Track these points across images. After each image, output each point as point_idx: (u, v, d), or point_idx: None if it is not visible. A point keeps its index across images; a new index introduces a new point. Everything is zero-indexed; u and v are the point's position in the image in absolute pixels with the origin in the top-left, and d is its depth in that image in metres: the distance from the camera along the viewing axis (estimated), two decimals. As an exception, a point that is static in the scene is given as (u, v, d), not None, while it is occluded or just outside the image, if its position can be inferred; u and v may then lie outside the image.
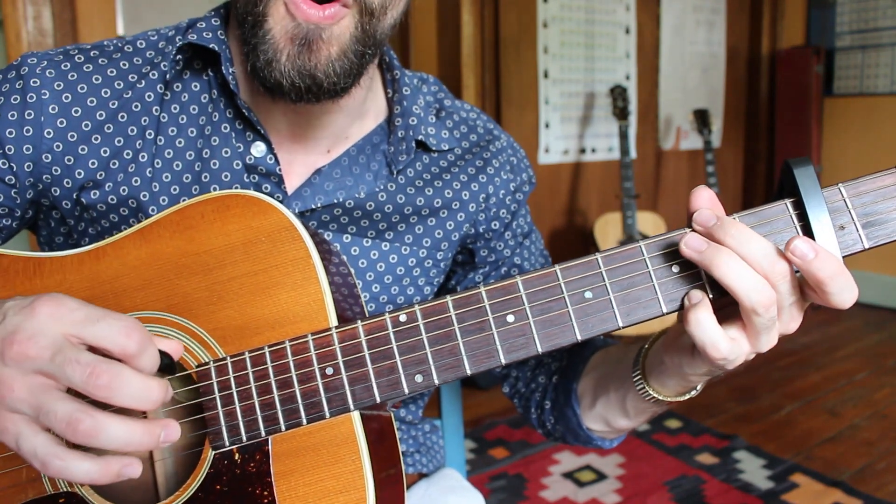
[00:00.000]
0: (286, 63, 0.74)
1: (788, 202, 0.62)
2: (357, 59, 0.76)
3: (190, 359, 0.68)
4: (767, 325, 0.61)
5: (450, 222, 0.92)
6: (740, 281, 0.59)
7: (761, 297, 0.59)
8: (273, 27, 0.74)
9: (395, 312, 0.66)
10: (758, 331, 0.61)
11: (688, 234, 0.61)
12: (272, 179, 0.84)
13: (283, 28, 0.73)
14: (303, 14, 0.72)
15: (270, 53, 0.74)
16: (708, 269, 0.60)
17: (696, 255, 0.60)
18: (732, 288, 0.59)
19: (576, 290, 0.64)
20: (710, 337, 0.61)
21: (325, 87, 0.76)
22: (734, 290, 0.59)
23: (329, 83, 0.76)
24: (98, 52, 0.84)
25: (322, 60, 0.74)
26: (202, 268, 0.69)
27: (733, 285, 0.59)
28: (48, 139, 0.80)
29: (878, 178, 0.61)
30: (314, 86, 0.75)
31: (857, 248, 0.61)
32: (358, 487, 0.64)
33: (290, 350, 0.66)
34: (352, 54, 0.76)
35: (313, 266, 0.67)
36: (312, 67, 0.74)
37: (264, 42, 0.74)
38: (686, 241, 0.61)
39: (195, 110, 0.84)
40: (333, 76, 0.75)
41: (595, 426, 0.88)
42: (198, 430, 0.71)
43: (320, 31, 0.73)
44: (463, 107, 0.99)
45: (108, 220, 0.82)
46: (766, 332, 0.61)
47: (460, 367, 0.64)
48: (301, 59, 0.74)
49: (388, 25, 0.79)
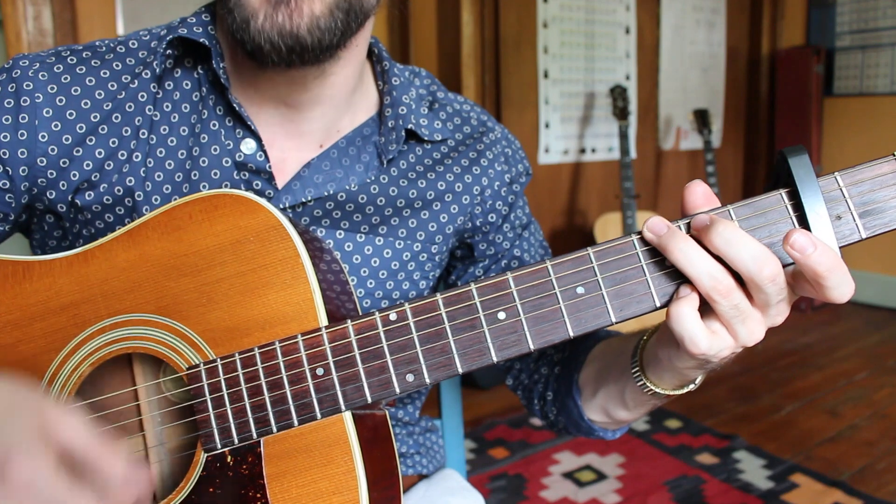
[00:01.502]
0: (264, 23, 0.73)
1: (783, 192, 0.61)
2: (343, 15, 0.75)
3: (181, 361, 0.68)
4: (733, 314, 0.60)
5: (443, 214, 0.91)
6: (694, 267, 0.59)
7: (716, 284, 0.59)
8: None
9: (385, 311, 0.65)
10: (727, 319, 0.60)
11: (651, 219, 0.61)
12: (262, 176, 0.84)
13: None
14: None
15: (246, 13, 0.73)
16: (664, 253, 0.60)
17: (655, 239, 0.61)
18: (688, 273, 0.59)
19: (567, 285, 0.63)
20: (688, 331, 0.60)
21: (310, 46, 0.74)
22: (690, 276, 0.59)
23: (313, 41, 0.74)
24: (90, 54, 0.84)
25: (305, 19, 0.73)
26: (191, 269, 0.69)
27: (688, 271, 0.59)
28: (43, 142, 0.80)
29: (875, 165, 0.60)
30: (297, 45, 0.74)
31: (854, 237, 0.60)
32: (351, 488, 0.64)
33: (280, 351, 0.66)
34: (338, 11, 0.75)
35: (302, 265, 0.67)
36: (296, 26, 0.73)
37: (240, 5, 0.73)
38: (648, 224, 0.61)
39: (186, 108, 0.84)
40: (318, 32, 0.74)
41: (596, 417, 0.88)
42: (192, 432, 0.71)
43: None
44: (456, 99, 0.98)
45: (104, 220, 0.82)
46: (739, 322, 0.61)
47: (451, 365, 0.64)
48: (279, 18, 0.73)
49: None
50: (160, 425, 0.73)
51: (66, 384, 0.70)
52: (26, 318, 0.71)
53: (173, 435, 0.73)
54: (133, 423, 0.73)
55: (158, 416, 0.73)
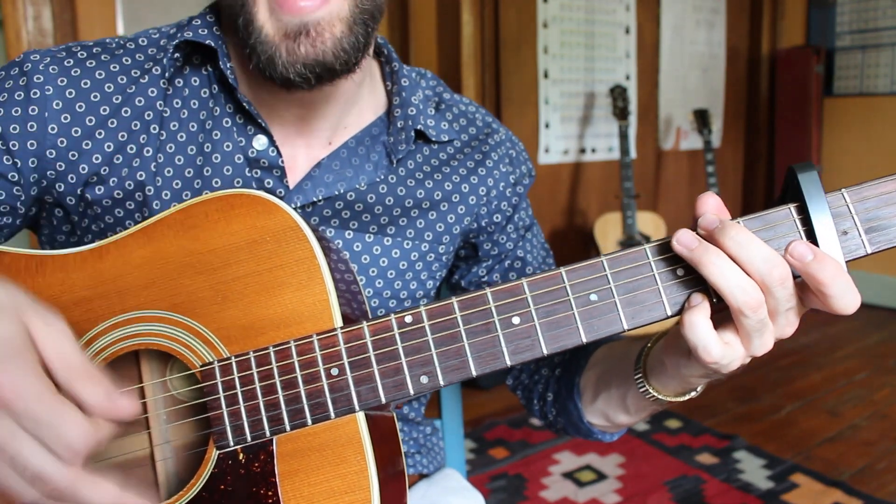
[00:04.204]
0: (287, 58, 0.74)
1: (792, 207, 0.62)
2: (362, 28, 0.76)
3: (194, 358, 0.68)
4: (757, 328, 0.61)
5: (450, 215, 0.92)
6: (727, 280, 0.59)
7: (748, 298, 0.59)
8: (264, 25, 0.74)
9: (401, 313, 0.66)
10: (748, 333, 0.61)
11: (680, 232, 0.61)
12: (274, 173, 0.84)
13: (274, 26, 0.73)
14: (289, 10, 0.72)
15: (271, 51, 0.74)
16: (697, 266, 0.60)
17: (686, 252, 0.61)
18: (720, 287, 0.59)
19: (581, 292, 0.64)
20: (702, 340, 0.60)
21: (339, 69, 0.76)
22: (721, 290, 0.59)
23: (340, 63, 0.75)
24: (100, 49, 0.84)
25: (329, 45, 0.74)
26: (207, 267, 0.69)
27: (720, 284, 0.59)
28: (52, 135, 0.80)
29: (880, 183, 0.62)
30: (325, 71, 0.75)
31: (859, 252, 0.62)
32: (363, 488, 0.64)
33: (294, 350, 0.66)
34: (357, 26, 0.75)
35: (318, 266, 0.67)
36: (321, 54, 0.74)
37: (261, 42, 0.74)
38: (678, 237, 0.61)
39: (196, 105, 0.84)
40: (343, 55, 0.75)
41: (596, 421, 0.88)
42: (200, 430, 0.71)
43: (315, 17, 0.72)
44: (462, 100, 0.99)
45: (113, 215, 0.82)
46: (758, 335, 0.61)
47: (466, 368, 0.64)
48: (303, 50, 0.73)
49: None
50: (166, 423, 0.73)
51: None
52: None
53: (179, 433, 0.73)
54: (139, 421, 0.73)
55: (164, 413, 0.73)
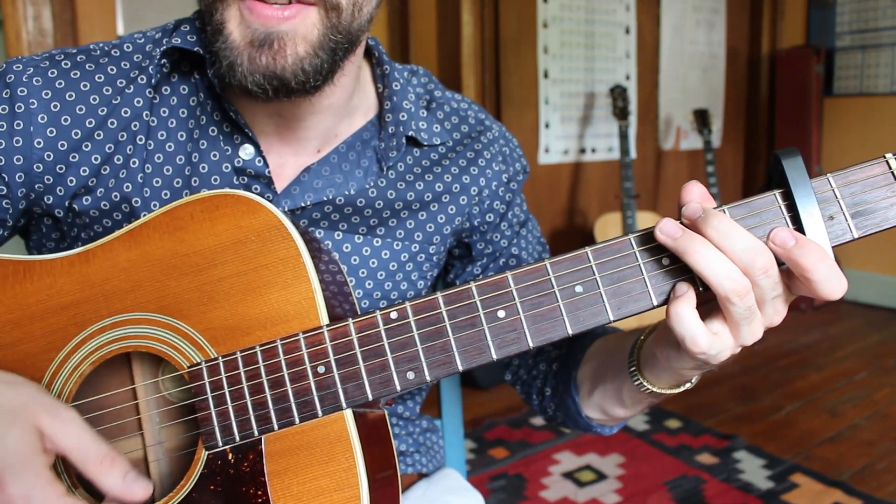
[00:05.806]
0: (248, 65, 0.73)
1: (777, 193, 0.62)
2: (328, 55, 0.75)
3: (182, 360, 0.68)
4: (745, 316, 0.60)
5: (441, 215, 0.91)
6: (713, 269, 0.58)
7: (735, 286, 0.59)
8: (232, 32, 0.73)
9: (386, 310, 0.66)
10: (736, 321, 0.61)
11: (664, 221, 0.61)
12: (261, 181, 0.84)
13: (241, 33, 0.72)
14: (258, 17, 0.71)
15: (232, 57, 0.73)
16: (681, 255, 0.60)
17: (670, 242, 0.60)
18: (705, 276, 0.59)
19: (566, 284, 0.63)
20: (689, 331, 0.60)
21: (294, 87, 0.74)
22: (707, 278, 0.59)
23: (297, 82, 0.74)
24: (85, 57, 0.83)
25: (289, 61, 0.73)
26: (192, 268, 0.69)
27: (705, 273, 0.59)
28: (38, 149, 0.80)
29: (866, 167, 0.61)
30: (282, 86, 0.74)
31: (846, 237, 0.61)
32: (352, 485, 0.64)
33: (281, 349, 0.66)
34: (322, 52, 0.74)
35: (303, 264, 0.67)
36: (280, 69, 0.72)
37: (226, 48, 0.73)
38: (661, 226, 0.61)
39: (184, 114, 0.84)
40: (302, 75, 0.74)
41: (593, 414, 0.88)
42: (191, 431, 0.71)
43: (281, 30, 0.72)
44: (454, 97, 0.98)
45: (101, 225, 0.82)
46: (746, 323, 0.61)
47: (452, 363, 0.64)
48: (264, 60, 0.72)
49: (363, 20, 0.77)
50: (158, 424, 0.73)
51: (66, 383, 0.70)
52: (26, 317, 0.71)
53: (171, 434, 0.73)
54: (131, 423, 0.73)
55: (157, 415, 0.73)
